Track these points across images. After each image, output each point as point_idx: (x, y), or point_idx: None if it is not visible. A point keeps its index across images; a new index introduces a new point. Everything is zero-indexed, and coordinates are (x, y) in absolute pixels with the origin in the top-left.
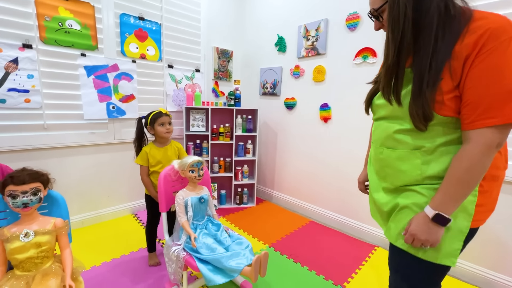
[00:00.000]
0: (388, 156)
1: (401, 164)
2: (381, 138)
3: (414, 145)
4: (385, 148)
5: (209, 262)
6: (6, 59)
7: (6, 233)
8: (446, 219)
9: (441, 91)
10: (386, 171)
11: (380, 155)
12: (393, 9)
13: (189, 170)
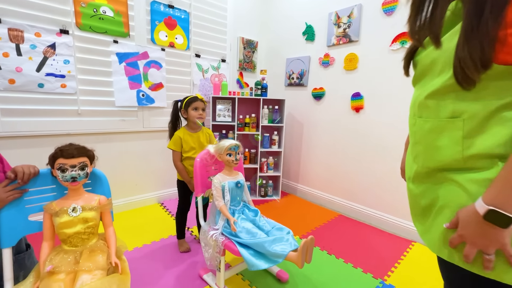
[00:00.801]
0: (419, 128)
1: (435, 138)
2: (415, 104)
3: (453, 111)
4: (417, 118)
5: (249, 246)
6: (44, 44)
7: (55, 207)
8: (506, 218)
9: (506, 24)
10: (417, 149)
11: (413, 128)
12: None
13: (226, 153)
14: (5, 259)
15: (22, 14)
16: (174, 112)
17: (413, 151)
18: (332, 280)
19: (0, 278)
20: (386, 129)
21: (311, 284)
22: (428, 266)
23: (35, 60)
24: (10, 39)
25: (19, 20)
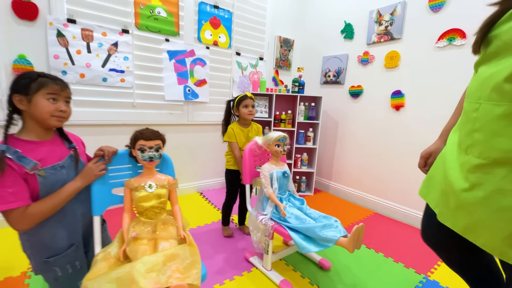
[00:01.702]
0: (485, 114)
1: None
2: (484, 86)
3: None
4: (484, 102)
5: (298, 231)
6: (109, 42)
7: (133, 183)
8: None
9: None
10: (474, 138)
11: (474, 113)
12: None
13: (275, 144)
14: (96, 225)
15: (92, 16)
16: (227, 110)
17: (467, 140)
18: (373, 272)
19: (87, 243)
20: (428, 128)
21: (352, 274)
22: None
23: (101, 57)
24: (82, 38)
25: (90, 21)
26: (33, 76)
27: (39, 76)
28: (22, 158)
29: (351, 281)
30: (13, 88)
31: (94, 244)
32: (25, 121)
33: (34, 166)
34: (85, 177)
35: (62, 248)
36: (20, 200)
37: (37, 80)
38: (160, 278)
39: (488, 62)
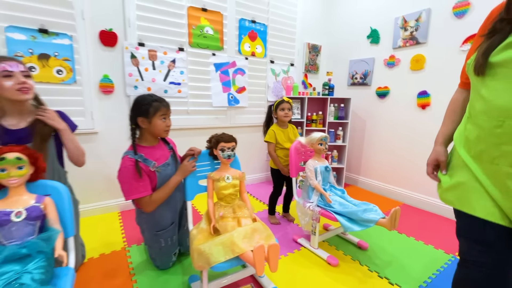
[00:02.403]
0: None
1: None
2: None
3: None
4: (506, 120)
5: (343, 214)
6: (168, 59)
7: (215, 176)
8: None
9: None
10: (503, 149)
11: (498, 129)
12: None
13: (318, 143)
14: (189, 208)
15: (156, 39)
16: (268, 114)
17: (494, 152)
18: (405, 251)
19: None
20: None
21: (388, 253)
22: None
23: (163, 72)
24: (149, 58)
25: (154, 43)
26: (150, 101)
27: (153, 101)
28: (146, 160)
29: (387, 258)
30: (137, 112)
31: (185, 223)
32: (143, 133)
33: (154, 165)
34: (183, 172)
35: (167, 225)
36: (147, 191)
37: (152, 105)
38: (251, 243)
39: (499, 84)
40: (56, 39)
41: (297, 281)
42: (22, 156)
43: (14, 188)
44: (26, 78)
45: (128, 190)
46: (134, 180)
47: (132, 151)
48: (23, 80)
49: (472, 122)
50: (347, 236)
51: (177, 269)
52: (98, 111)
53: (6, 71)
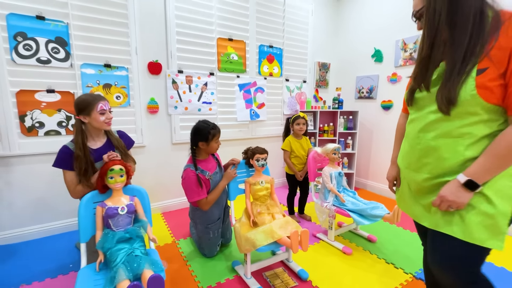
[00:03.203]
0: (426, 147)
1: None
2: (419, 128)
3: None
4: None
5: (355, 212)
6: (202, 83)
7: (252, 181)
8: (476, 185)
9: (487, 79)
10: (423, 161)
11: (418, 146)
12: (429, 10)
13: (332, 153)
14: (232, 206)
15: (192, 66)
16: (286, 126)
17: (418, 163)
18: (408, 244)
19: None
20: None
21: (393, 244)
22: None
23: (197, 94)
24: (186, 82)
25: (190, 70)
26: (209, 130)
27: (211, 129)
28: (203, 171)
29: (393, 249)
30: (199, 138)
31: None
32: (200, 151)
33: (208, 174)
34: (228, 178)
35: (215, 219)
36: (204, 194)
37: (211, 132)
38: (285, 231)
39: (416, 113)
40: (116, 72)
41: (319, 266)
42: (122, 167)
43: (117, 191)
44: (110, 113)
45: (191, 194)
46: (196, 186)
47: (192, 164)
48: (111, 116)
49: (405, 139)
50: (358, 231)
51: (221, 257)
52: (146, 128)
53: (103, 109)
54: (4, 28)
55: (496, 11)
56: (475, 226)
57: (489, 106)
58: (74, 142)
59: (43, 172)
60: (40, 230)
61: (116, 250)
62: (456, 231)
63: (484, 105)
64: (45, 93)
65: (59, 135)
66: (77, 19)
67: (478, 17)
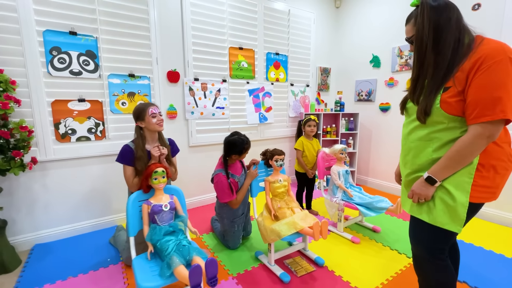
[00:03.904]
0: (408, 148)
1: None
2: (406, 132)
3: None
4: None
5: (362, 205)
6: (215, 89)
7: (271, 179)
8: (434, 180)
9: (447, 96)
10: (407, 159)
11: (405, 146)
12: (418, 40)
13: (339, 153)
14: (254, 203)
15: (207, 74)
16: (298, 128)
17: (404, 160)
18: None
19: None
20: None
21: (396, 234)
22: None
23: (211, 100)
24: (201, 89)
25: (205, 77)
26: (244, 145)
27: (245, 144)
28: (233, 175)
29: (396, 238)
30: (233, 151)
31: (247, 213)
32: (231, 159)
33: (237, 177)
34: (251, 177)
35: (239, 214)
36: (235, 195)
37: (245, 147)
38: (305, 222)
39: (406, 120)
40: (139, 81)
41: (332, 254)
42: (164, 169)
43: (159, 190)
44: (160, 116)
45: (223, 196)
46: (227, 189)
47: (223, 170)
48: (162, 118)
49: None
50: (363, 223)
51: (243, 248)
52: (166, 132)
53: (154, 113)
54: (41, 44)
55: (471, 37)
56: (438, 212)
57: (451, 117)
58: (136, 144)
59: (75, 175)
60: (73, 229)
61: (165, 241)
62: (424, 216)
63: (447, 116)
64: (77, 102)
65: (89, 140)
66: (105, 33)
67: (456, 44)
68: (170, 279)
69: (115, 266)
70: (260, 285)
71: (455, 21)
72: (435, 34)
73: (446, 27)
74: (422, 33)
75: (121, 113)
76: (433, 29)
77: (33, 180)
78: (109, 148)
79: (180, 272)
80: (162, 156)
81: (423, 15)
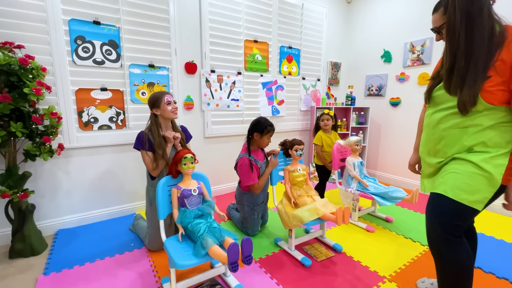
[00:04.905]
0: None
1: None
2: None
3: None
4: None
5: (377, 194)
6: (231, 81)
7: (290, 168)
8: None
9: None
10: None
11: (433, 136)
12: (449, 30)
13: (355, 144)
14: (274, 190)
15: (223, 66)
16: (316, 123)
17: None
18: (422, 223)
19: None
20: None
21: (409, 224)
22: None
23: (227, 92)
24: (217, 81)
25: (221, 69)
26: (266, 125)
27: (268, 125)
28: (256, 160)
29: (409, 227)
30: (255, 129)
31: (267, 203)
32: (253, 142)
33: (259, 162)
34: (272, 166)
35: (259, 202)
36: (257, 179)
37: (267, 128)
38: (326, 209)
39: (432, 109)
40: (159, 71)
41: (348, 241)
42: (193, 155)
43: (187, 175)
44: (175, 104)
45: (246, 179)
46: (250, 172)
47: (247, 153)
48: (176, 106)
49: (424, 130)
50: (376, 213)
51: (261, 235)
52: (183, 123)
53: (169, 101)
54: (67, 33)
55: (502, 26)
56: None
57: (488, 105)
58: (152, 132)
59: (96, 163)
60: (93, 216)
61: (196, 223)
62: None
63: (485, 105)
64: (99, 91)
65: (110, 129)
66: (127, 23)
67: (490, 33)
68: (204, 258)
69: (139, 250)
70: (283, 268)
71: (487, 10)
72: (468, 23)
73: (478, 16)
74: (454, 23)
75: (140, 103)
76: (465, 18)
77: (57, 167)
78: (129, 137)
79: (215, 251)
80: (177, 141)
81: (454, 5)
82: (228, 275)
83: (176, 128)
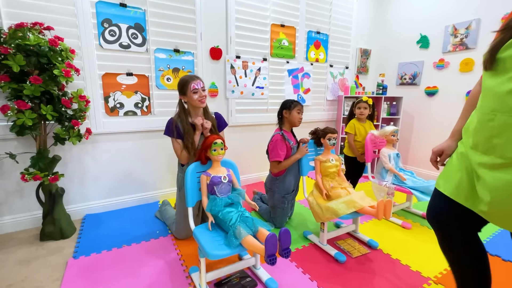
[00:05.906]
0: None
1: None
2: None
3: None
4: (498, 114)
5: (416, 189)
6: (256, 68)
7: (322, 158)
8: None
9: None
10: (493, 142)
11: (490, 123)
12: None
13: (391, 135)
14: (304, 181)
15: (248, 52)
16: (350, 110)
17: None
18: None
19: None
20: None
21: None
22: None
23: (251, 79)
24: (242, 68)
25: (246, 55)
26: (292, 101)
27: (293, 101)
28: (288, 140)
29: None
30: (284, 106)
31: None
32: (284, 121)
33: (291, 143)
34: (301, 153)
35: (290, 191)
36: (280, 158)
37: (293, 103)
38: (364, 202)
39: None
40: (184, 56)
41: (384, 238)
42: (223, 141)
43: (217, 162)
44: (203, 92)
45: (274, 154)
46: (279, 148)
47: (280, 132)
48: (204, 94)
49: (476, 113)
50: (411, 209)
51: (289, 228)
52: None
53: (196, 88)
54: (94, 15)
55: None
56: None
57: None
58: (181, 119)
59: (121, 149)
60: (119, 202)
61: (227, 212)
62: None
63: None
64: (125, 76)
65: (135, 115)
66: (152, 6)
67: None
68: (237, 248)
69: (165, 238)
70: (315, 263)
71: None
72: None
73: None
74: None
75: (166, 89)
76: None
77: (84, 152)
78: (154, 124)
79: (249, 242)
80: (206, 130)
81: None
82: (258, 267)
83: (208, 115)
